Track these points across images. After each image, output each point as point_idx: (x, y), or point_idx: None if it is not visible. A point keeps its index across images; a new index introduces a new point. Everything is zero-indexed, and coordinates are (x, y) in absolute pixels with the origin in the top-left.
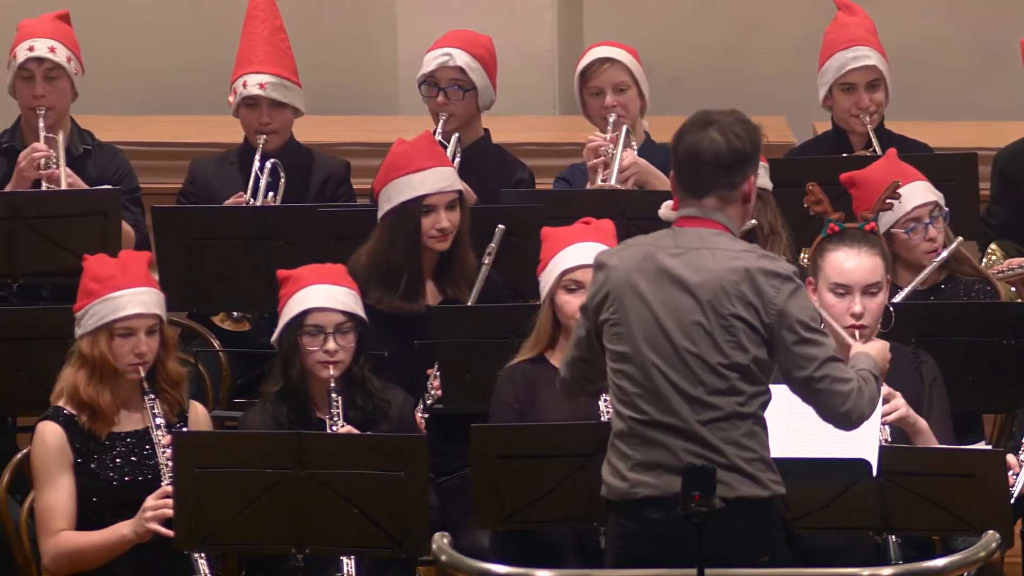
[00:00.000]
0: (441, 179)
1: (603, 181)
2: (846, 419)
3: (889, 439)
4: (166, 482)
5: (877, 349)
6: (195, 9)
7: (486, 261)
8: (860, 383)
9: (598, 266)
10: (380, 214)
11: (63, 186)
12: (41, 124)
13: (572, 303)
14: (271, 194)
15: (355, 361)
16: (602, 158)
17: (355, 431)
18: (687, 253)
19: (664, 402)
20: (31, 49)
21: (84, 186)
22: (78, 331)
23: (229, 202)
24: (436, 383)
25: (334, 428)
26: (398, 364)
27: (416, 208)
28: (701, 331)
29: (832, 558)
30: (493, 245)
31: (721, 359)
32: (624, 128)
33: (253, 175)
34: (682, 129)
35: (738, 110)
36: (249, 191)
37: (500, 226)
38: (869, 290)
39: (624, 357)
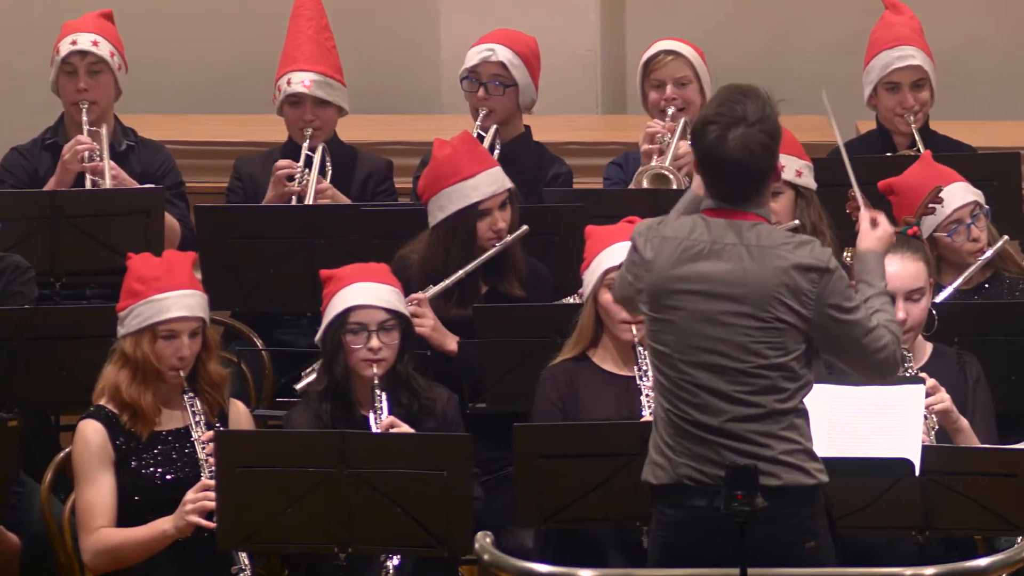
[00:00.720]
0: (492, 182)
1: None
2: (885, 373)
3: (934, 439)
4: (206, 476)
5: (880, 239)
6: (240, 8)
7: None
8: (891, 337)
9: (634, 248)
10: (432, 222)
11: (107, 179)
12: (84, 119)
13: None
14: (319, 175)
15: (399, 359)
16: (657, 145)
17: (398, 421)
18: (725, 251)
19: (704, 403)
20: (74, 43)
21: (128, 179)
22: (120, 331)
23: (282, 172)
24: None
25: (378, 423)
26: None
27: (471, 215)
28: (742, 334)
29: (874, 556)
30: (508, 238)
31: (763, 361)
32: (683, 120)
33: (303, 155)
34: (706, 116)
35: (759, 90)
36: (302, 161)
37: (524, 228)
38: (911, 296)
39: (663, 356)
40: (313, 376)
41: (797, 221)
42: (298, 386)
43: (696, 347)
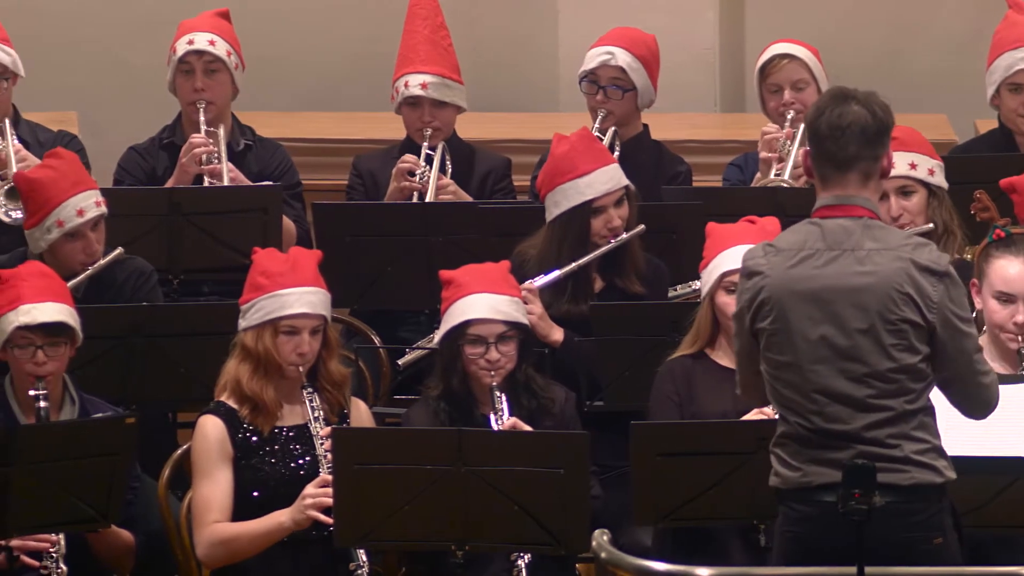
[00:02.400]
0: (607, 179)
1: (776, 175)
2: (984, 410)
3: None
4: (324, 471)
5: None
6: (357, 5)
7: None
8: (993, 372)
9: (748, 273)
10: (548, 218)
11: (225, 181)
12: (201, 118)
13: (732, 304)
14: (440, 172)
15: (518, 367)
16: (776, 153)
17: (520, 423)
18: (842, 257)
19: (832, 412)
20: (191, 43)
21: (246, 181)
22: (242, 324)
23: (405, 166)
24: None
25: (499, 424)
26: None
27: (586, 212)
28: (868, 339)
29: (989, 554)
30: (623, 236)
31: (890, 364)
32: (802, 126)
33: (424, 153)
34: (820, 105)
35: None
36: (422, 158)
37: (641, 227)
38: None
39: (786, 366)
40: (417, 352)
41: (931, 224)
42: (401, 361)
43: (822, 356)
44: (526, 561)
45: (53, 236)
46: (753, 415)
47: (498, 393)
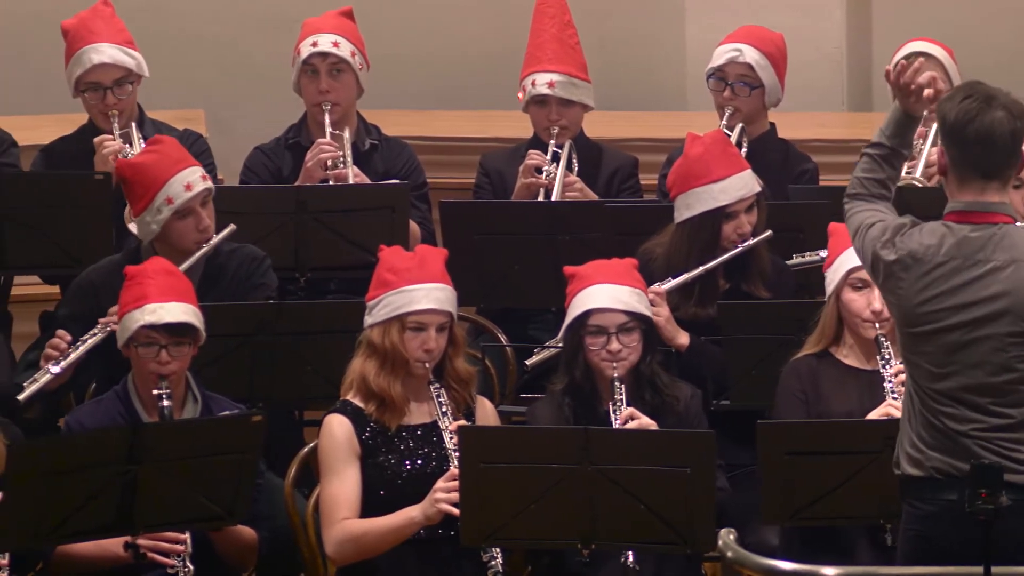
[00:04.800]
0: (741, 186)
1: (907, 174)
2: None
3: None
4: (454, 466)
5: None
6: (484, 3)
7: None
8: None
9: (887, 266)
10: (678, 219)
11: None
12: (327, 120)
13: (858, 301)
14: (567, 170)
15: (642, 359)
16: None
17: (637, 412)
18: (975, 267)
19: (956, 413)
20: (315, 44)
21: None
22: (368, 320)
23: (531, 162)
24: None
25: (617, 415)
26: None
27: (717, 217)
28: (998, 350)
29: None
30: (751, 242)
31: (1017, 375)
32: (935, 125)
33: (551, 151)
34: (965, 108)
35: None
36: (549, 156)
37: (768, 232)
38: None
39: (916, 367)
40: (545, 353)
41: None
42: (529, 361)
43: (950, 363)
44: (631, 556)
45: (164, 215)
46: (880, 414)
47: (618, 384)
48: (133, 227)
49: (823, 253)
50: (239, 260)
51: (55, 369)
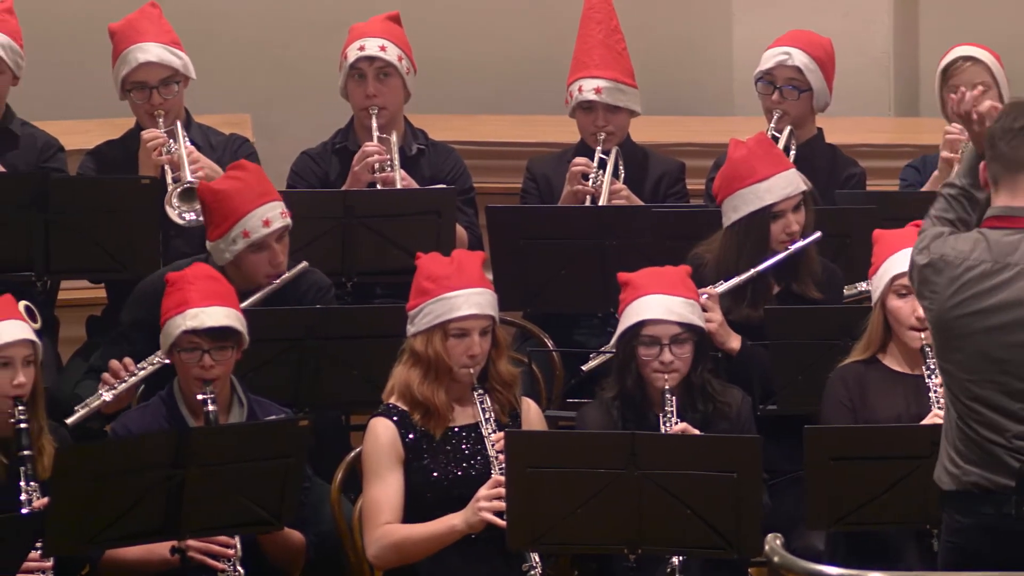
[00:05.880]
0: (786, 184)
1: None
2: None
3: None
4: (496, 472)
5: None
6: (530, 8)
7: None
8: None
9: (919, 271)
10: (726, 223)
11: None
12: (374, 124)
13: (903, 308)
14: (613, 177)
15: (693, 370)
16: (957, 154)
17: (690, 428)
18: (1006, 271)
19: (990, 421)
20: (362, 48)
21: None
22: (411, 329)
23: (577, 168)
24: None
25: (667, 427)
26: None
27: (764, 218)
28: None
29: None
30: (800, 243)
31: None
32: None
33: (597, 157)
34: (999, 114)
35: None
36: (596, 162)
37: (818, 234)
38: None
39: (950, 374)
40: (600, 359)
41: None
42: (585, 367)
43: (982, 369)
44: (679, 560)
45: (239, 247)
46: (928, 420)
47: (668, 395)
48: (170, 211)
49: (863, 285)
50: (305, 287)
51: (107, 396)
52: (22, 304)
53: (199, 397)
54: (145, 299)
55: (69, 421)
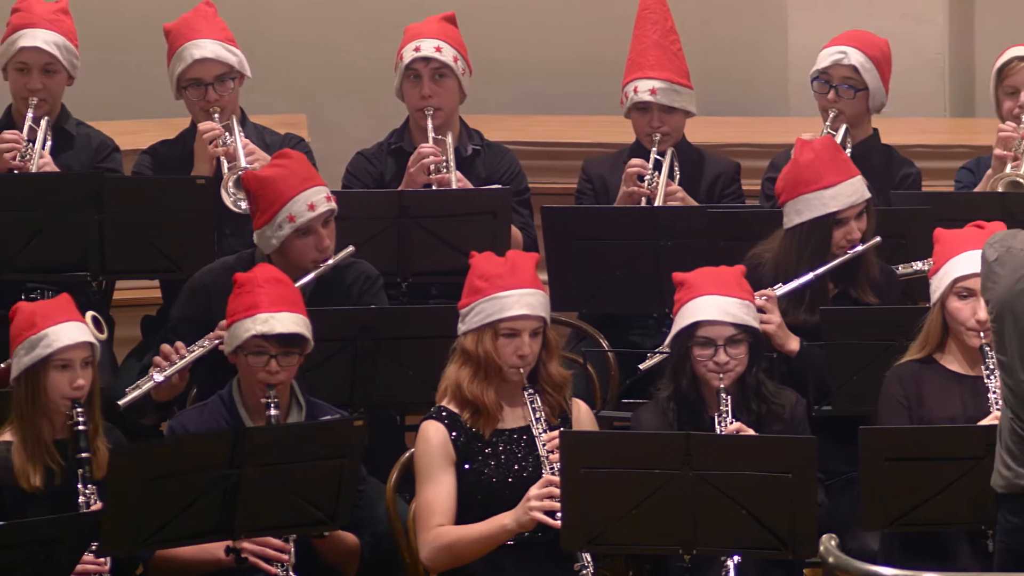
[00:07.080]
0: (852, 192)
1: (1012, 170)
2: None
3: None
4: (547, 473)
5: None
6: (587, 9)
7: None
8: None
9: (984, 263)
10: (787, 225)
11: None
12: (429, 125)
13: (964, 310)
14: (668, 178)
15: (748, 370)
16: (1011, 152)
17: (744, 427)
18: None
19: None
20: (417, 49)
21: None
22: (462, 328)
23: (633, 169)
24: None
25: (722, 426)
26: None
27: (828, 223)
28: None
29: None
30: (859, 248)
31: None
32: None
33: (652, 158)
34: None
35: None
36: (651, 163)
37: (877, 239)
38: None
39: (1005, 366)
40: (657, 358)
41: None
42: (642, 365)
43: None
44: (735, 562)
45: (285, 232)
46: (986, 421)
47: (723, 395)
48: (226, 196)
49: (918, 264)
50: (353, 277)
51: (159, 377)
52: (89, 315)
53: (262, 400)
54: (193, 295)
55: (121, 403)
